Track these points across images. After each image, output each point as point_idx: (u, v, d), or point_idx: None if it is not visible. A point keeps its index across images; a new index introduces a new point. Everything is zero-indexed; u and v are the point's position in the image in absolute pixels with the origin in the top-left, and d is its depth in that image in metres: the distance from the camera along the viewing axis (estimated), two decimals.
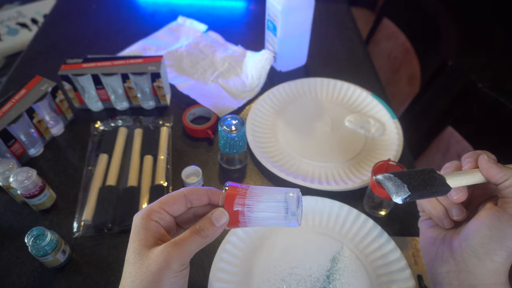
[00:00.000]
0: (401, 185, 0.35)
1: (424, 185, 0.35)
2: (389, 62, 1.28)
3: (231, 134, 0.63)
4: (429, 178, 0.36)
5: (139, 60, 0.78)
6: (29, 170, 0.59)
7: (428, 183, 0.35)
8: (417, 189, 0.35)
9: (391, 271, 0.55)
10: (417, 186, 0.35)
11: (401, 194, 0.34)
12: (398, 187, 0.35)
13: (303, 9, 0.81)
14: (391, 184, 0.35)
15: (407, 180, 0.35)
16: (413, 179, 0.35)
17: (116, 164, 0.70)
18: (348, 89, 0.85)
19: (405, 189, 0.34)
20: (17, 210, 0.64)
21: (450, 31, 1.10)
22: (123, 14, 1.14)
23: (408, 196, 0.34)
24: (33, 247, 0.53)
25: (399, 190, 0.35)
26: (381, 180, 0.36)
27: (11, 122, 0.66)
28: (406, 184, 0.35)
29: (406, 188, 0.34)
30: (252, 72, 0.88)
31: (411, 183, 0.35)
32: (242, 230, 0.59)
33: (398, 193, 0.35)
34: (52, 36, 1.06)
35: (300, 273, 0.56)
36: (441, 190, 0.36)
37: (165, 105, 0.83)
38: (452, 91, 1.06)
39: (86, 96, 0.80)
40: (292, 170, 0.70)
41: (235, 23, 1.12)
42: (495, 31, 1.19)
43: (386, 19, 1.29)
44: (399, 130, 0.75)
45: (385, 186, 0.36)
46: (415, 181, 0.35)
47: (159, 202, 0.34)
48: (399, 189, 0.35)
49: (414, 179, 0.35)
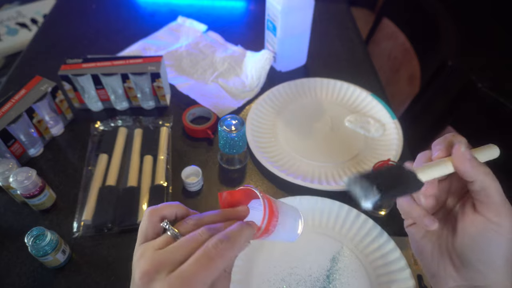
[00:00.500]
0: (369, 187, 0.30)
1: (395, 183, 0.32)
2: (389, 62, 1.28)
3: (231, 134, 0.63)
4: (399, 175, 0.33)
5: (139, 60, 0.78)
6: (29, 170, 0.59)
7: (398, 181, 0.32)
8: (387, 189, 0.31)
9: (391, 271, 0.55)
10: (387, 185, 0.31)
11: (370, 197, 0.30)
12: (366, 189, 0.31)
13: (303, 9, 0.81)
14: (358, 188, 0.31)
15: (375, 181, 0.31)
16: (382, 178, 0.31)
17: (116, 164, 0.70)
18: (348, 89, 0.85)
19: (373, 191, 0.30)
20: (17, 210, 0.64)
21: (450, 31, 1.10)
22: (123, 14, 1.14)
23: (378, 198, 0.30)
24: (33, 247, 0.53)
25: (368, 193, 0.31)
26: (347, 184, 0.32)
27: (11, 122, 0.66)
28: (375, 185, 0.30)
29: (375, 190, 0.30)
30: (252, 72, 0.88)
31: (379, 183, 0.31)
32: None
33: (366, 196, 0.31)
34: (52, 36, 1.06)
35: (300, 273, 0.56)
36: (413, 186, 0.33)
37: (165, 105, 0.83)
38: (452, 91, 1.06)
39: (86, 96, 0.80)
40: (292, 170, 0.70)
41: (235, 23, 1.12)
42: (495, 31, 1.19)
43: (386, 19, 1.29)
44: (399, 130, 0.75)
45: (352, 191, 0.32)
46: (384, 180, 0.31)
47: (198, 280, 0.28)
48: (368, 192, 0.31)
49: (382, 179, 0.31)
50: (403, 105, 1.18)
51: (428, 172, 0.34)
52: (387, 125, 0.78)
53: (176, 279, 0.27)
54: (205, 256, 0.28)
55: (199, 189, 0.68)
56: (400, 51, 1.21)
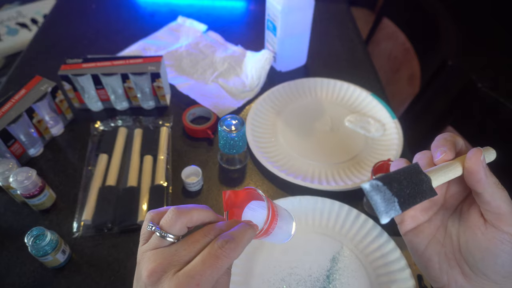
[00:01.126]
0: (391, 200, 0.28)
1: (415, 195, 0.29)
2: (389, 62, 1.28)
3: (231, 134, 0.63)
4: (418, 182, 0.30)
5: (139, 60, 0.78)
6: (29, 170, 0.59)
7: (418, 192, 0.29)
8: (408, 203, 0.28)
9: (391, 271, 0.55)
10: (407, 198, 0.29)
11: (391, 214, 0.28)
12: (388, 203, 0.28)
13: (303, 9, 0.81)
14: (379, 199, 0.28)
15: (398, 191, 0.28)
16: (404, 188, 0.29)
17: (116, 164, 0.70)
18: (348, 89, 0.85)
19: (396, 207, 0.28)
20: (17, 210, 0.64)
21: (450, 31, 1.10)
22: (123, 14, 1.14)
23: (398, 214, 0.28)
24: (33, 247, 0.53)
25: (389, 207, 0.28)
26: (369, 191, 0.28)
27: (11, 122, 0.66)
28: (397, 197, 0.28)
29: (398, 206, 0.28)
30: (252, 72, 0.88)
31: (401, 195, 0.28)
32: None
33: (388, 212, 0.28)
34: (52, 36, 1.06)
35: (300, 273, 0.56)
36: (427, 195, 0.30)
37: (165, 105, 0.83)
38: (452, 91, 1.06)
39: (86, 96, 0.80)
40: (292, 170, 0.70)
41: (235, 23, 1.12)
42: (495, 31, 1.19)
43: (386, 19, 1.29)
44: (399, 130, 0.75)
45: (373, 202, 0.28)
46: (405, 190, 0.29)
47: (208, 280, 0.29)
48: (389, 206, 0.28)
49: (405, 188, 0.29)
50: (403, 105, 1.18)
51: (440, 177, 0.31)
52: (387, 125, 0.78)
53: (184, 277, 0.28)
54: (212, 255, 0.29)
55: (199, 189, 0.68)
56: (400, 51, 1.21)
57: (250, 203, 0.36)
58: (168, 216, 0.32)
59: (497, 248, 0.30)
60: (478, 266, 0.32)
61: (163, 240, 0.31)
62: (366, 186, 0.28)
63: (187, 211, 0.32)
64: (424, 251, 0.36)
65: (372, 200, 0.28)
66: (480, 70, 0.99)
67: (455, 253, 0.34)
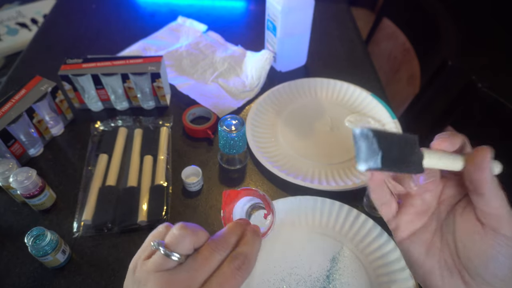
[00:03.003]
0: (375, 152, 0.26)
1: (401, 161, 0.27)
2: (389, 62, 1.28)
3: (231, 134, 0.63)
4: (409, 152, 0.28)
5: (139, 60, 0.78)
6: (29, 170, 0.59)
7: (405, 159, 0.28)
8: (390, 164, 0.27)
9: (391, 271, 0.55)
10: (392, 160, 0.27)
11: (370, 164, 0.27)
12: (371, 153, 0.26)
13: (303, 9, 0.81)
14: (364, 146, 0.27)
15: (385, 148, 0.26)
16: (393, 148, 0.27)
17: (116, 164, 0.70)
18: (348, 89, 0.85)
19: (376, 160, 0.26)
20: (17, 210, 0.64)
21: (450, 31, 1.10)
22: (123, 14, 1.14)
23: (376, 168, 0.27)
24: (33, 247, 0.53)
25: (370, 157, 0.27)
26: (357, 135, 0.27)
27: (11, 122, 0.66)
28: (382, 152, 0.26)
29: (379, 160, 0.26)
30: (252, 72, 0.88)
31: (388, 153, 0.26)
32: None
33: (367, 161, 0.27)
34: (52, 36, 1.06)
35: (300, 273, 0.56)
36: (413, 169, 0.29)
37: (165, 105, 0.83)
38: (452, 91, 1.06)
39: (86, 96, 0.80)
40: (292, 170, 0.70)
41: (235, 23, 1.12)
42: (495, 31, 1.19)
43: (386, 19, 1.29)
44: (399, 130, 0.75)
45: (357, 147, 0.27)
46: (393, 152, 0.27)
47: None
48: (370, 156, 0.27)
49: (393, 149, 0.27)
50: (403, 105, 1.18)
51: (434, 159, 0.29)
52: (387, 125, 0.78)
53: None
54: (229, 277, 0.29)
55: (199, 189, 0.68)
56: (400, 51, 1.21)
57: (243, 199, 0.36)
58: (175, 233, 0.29)
59: (495, 251, 0.30)
60: (478, 271, 0.31)
61: (167, 260, 0.29)
62: (357, 130, 0.28)
63: (195, 229, 0.30)
64: (424, 260, 0.34)
65: (356, 145, 0.28)
66: (480, 70, 0.99)
67: (454, 260, 0.32)
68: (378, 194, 0.34)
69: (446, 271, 0.33)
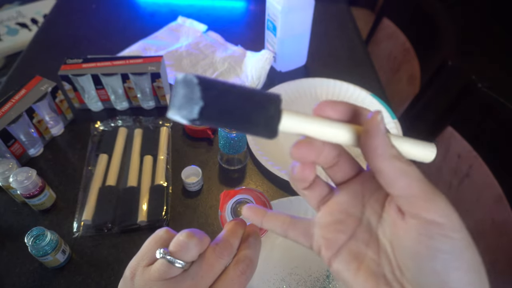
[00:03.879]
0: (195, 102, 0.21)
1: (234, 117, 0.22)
2: (389, 62, 1.28)
3: (231, 134, 0.63)
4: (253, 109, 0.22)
5: (139, 60, 0.78)
6: (29, 170, 0.59)
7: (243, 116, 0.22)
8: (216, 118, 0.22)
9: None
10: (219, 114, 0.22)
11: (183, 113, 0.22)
12: (189, 101, 0.22)
13: (303, 9, 0.81)
14: (182, 93, 0.22)
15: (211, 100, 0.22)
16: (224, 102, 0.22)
17: (116, 164, 0.70)
18: (348, 89, 0.85)
19: (193, 109, 0.21)
20: (17, 210, 0.64)
21: (450, 31, 1.10)
22: (123, 14, 1.14)
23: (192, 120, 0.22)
24: (33, 247, 0.53)
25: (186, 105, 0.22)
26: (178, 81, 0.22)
27: (11, 122, 0.66)
28: (204, 103, 0.21)
29: (197, 110, 0.21)
30: (252, 72, 0.88)
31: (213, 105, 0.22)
32: None
33: (180, 109, 0.22)
34: (52, 36, 1.06)
35: (300, 273, 0.56)
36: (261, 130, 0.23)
37: (165, 105, 0.83)
38: (452, 91, 1.06)
39: (86, 96, 0.80)
40: None
41: (235, 23, 1.12)
42: (495, 31, 1.19)
43: (386, 19, 1.29)
44: (399, 130, 0.75)
45: (174, 93, 0.22)
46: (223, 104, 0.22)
47: None
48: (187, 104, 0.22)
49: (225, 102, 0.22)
50: (403, 105, 1.18)
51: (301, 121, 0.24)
52: (387, 125, 0.77)
53: None
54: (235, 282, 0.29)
55: (199, 189, 0.68)
56: (400, 51, 1.21)
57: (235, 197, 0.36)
58: (182, 240, 0.28)
59: (429, 248, 0.21)
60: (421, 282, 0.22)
61: (172, 267, 0.27)
62: (181, 76, 0.22)
63: (202, 237, 0.29)
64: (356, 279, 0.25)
65: (174, 91, 0.22)
66: (480, 70, 0.99)
67: (395, 272, 0.24)
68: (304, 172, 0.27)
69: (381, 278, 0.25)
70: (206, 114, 0.22)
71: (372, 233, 0.26)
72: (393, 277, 0.24)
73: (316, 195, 0.29)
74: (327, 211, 0.28)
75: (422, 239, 0.22)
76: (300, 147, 0.24)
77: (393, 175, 0.22)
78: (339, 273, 0.26)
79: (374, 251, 0.26)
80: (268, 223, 0.31)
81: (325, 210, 0.28)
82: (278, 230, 0.30)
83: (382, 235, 0.26)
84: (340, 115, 0.25)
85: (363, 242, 0.26)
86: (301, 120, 0.24)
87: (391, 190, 0.23)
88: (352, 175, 0.29)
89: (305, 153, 0.25)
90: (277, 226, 0.30)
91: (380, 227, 0.26)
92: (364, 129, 0.23)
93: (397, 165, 0.22)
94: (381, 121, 0.23)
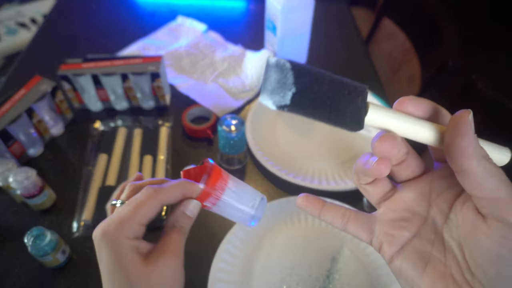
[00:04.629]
0: (287, 87, 0.21)
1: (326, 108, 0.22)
2: (389, 62, 1.28)
3: (231, 134, 0.63)
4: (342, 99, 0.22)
5: (138, 60, 0.78)
6: (28, 170, 0.59)
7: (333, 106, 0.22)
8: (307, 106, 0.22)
9: (391, 271, 0.55)
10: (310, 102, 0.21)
11: (275, 98, 0.21)
12: (281, 86, 0.21)
13: (303, 9, 0.81)
14: (275, 78, 0.21)
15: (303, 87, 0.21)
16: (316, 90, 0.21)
17: (115, 164, 0.70)
18: None
19: (286, 95, 0.21)
20: (16, 210, 0.64)
21: (450, 31, 1.10)
22: (123, 14, 1.14)
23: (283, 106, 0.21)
24: (32, 247, 0.53)
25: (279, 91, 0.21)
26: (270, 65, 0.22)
27: (11, 122, 0.66)
28: (296, 89, 0.21)
29: (289, 96, 0.21)
30: (252, 72, 0.88)
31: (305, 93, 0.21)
32: (242, 230, 0.59)
33: (272, 93, 0.21)
34: (52, 36, 1.06)
35: (300, 273, 0.56)
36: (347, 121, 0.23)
37: (165, 105, 0.83)
38: (452, 91, 1.06)
39: (85, 96, 0.80)
40: (292, 170, 0.70)
41: (235, 23, 1.12)
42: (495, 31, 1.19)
43: (386, 19, 1.29)
44: None
45: (266, 77, 0.22)
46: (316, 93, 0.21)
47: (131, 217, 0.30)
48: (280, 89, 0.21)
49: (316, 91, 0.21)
50: None
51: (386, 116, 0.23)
52: None
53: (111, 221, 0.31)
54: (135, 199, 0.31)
55: None
56: (400, 51, 1.21)
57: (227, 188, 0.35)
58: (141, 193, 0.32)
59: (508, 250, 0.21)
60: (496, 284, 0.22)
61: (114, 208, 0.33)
62: (273, 59, 0.22)
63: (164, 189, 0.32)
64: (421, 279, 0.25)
65: (266, 75, 0.22)
66: (480, 70, 0.99)
67: (465, 274, 0.24)
68: None
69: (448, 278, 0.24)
70: (297, 101, 0.21)
71: (437, 233, 0.26)
72: (462, 279, 0.24)
73: (378, 191, 0.28)
74: (390, 208, 0.28)
75: (507, 243, 0.21)
76: (384, 141, 0.24)
77: (482, 176, 0.21)
78: (401, 271, 0.26)
79: (440, 251, 0.25)
80: (327, 215, 0.29)
81: (388, 207, 0.28)
82: (337, 223, 0.29)
83: (448, 235, 0.25)
84: (421, 112, 0.24)
85: (428, 241, 0.26)
86: (386, 114, 0.23)
87: (476, 191, 0.22)
88: (418, 173, 0.28)
89: (388, 148, 0.24)
90: (337, 219, 0.29)
91: (446, 228, 0.25)
92: (452, 127, 0.22)
93: (486, 166, 0.21)
94: (472, 120, 0.22)
